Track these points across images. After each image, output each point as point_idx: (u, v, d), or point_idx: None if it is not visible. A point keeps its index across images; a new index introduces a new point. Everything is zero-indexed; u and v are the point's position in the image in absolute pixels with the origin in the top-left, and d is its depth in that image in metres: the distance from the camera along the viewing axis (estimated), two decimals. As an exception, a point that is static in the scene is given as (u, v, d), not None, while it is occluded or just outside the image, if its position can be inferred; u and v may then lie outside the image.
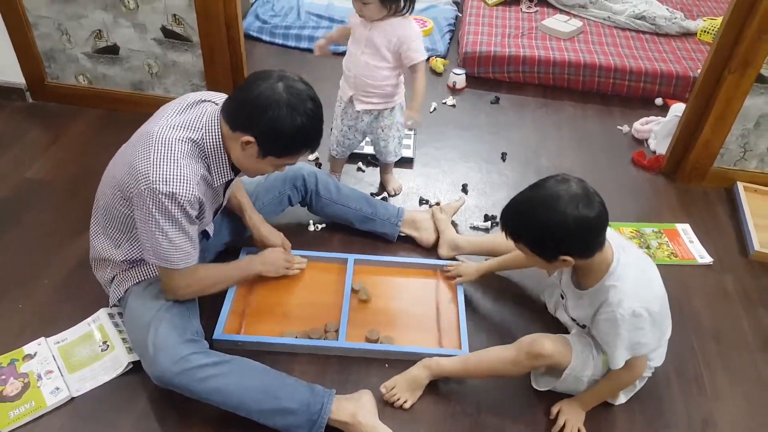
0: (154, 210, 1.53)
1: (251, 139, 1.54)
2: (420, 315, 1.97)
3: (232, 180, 1.73)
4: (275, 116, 1.50)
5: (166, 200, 1.51)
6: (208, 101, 1.67)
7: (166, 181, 1.51)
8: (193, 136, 1.58)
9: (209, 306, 1.87)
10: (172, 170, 1.52)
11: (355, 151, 2.49)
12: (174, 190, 1.52)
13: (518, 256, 1.72)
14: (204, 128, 1.60)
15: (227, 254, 2.07)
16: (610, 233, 1.62)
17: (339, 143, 2.37)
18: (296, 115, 1.51)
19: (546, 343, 1.61)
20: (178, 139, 1.57)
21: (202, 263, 1.76)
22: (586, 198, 1.44)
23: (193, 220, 1.61)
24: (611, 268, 1.56)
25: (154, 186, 1.51)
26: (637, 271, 1.58)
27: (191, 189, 1.55)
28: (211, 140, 1.60)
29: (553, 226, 1.45)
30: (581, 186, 1.47)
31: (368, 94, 2.20)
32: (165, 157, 1.53)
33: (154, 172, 1.51)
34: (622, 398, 1.74)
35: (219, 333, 1.82)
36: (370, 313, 1.96)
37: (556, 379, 1.68)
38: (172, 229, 1.56)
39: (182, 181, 1.53)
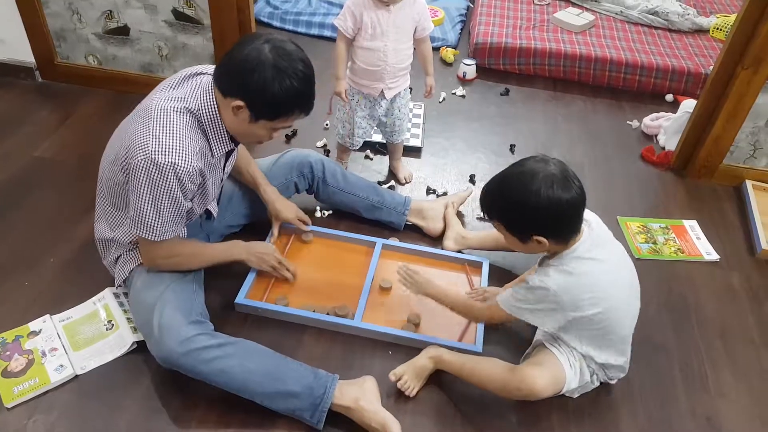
0: (147, 181, 1.51)
1: (241, 103, 1.52)
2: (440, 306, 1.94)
3: (232, 150, 1.72)
4: (262, 78, 1.48)
5: (166, 171, 1.50)
6: (203, 73, 1.66)
7: (166, 152, 1.50)
8: (190, 107, 1.57)
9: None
10: (171, 141, 1.51)
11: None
12: (174, 161, 1.50)
13: (499, 236, 1.67)
14: (199, 98, 1.58)
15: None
16: (601, 230, 1.59)
17: (356, 134, 2.32)
18: (284, 76, 1.49)
19: (538, 383, 1.56)
20: (175, 110, 1.56)
21: (187, 239, 1.75)
22: (563, 179, 1.44)
23: (188, 194, 1.60)
24: (558, 255, 1.54)
25: (154, 156, 1.49)
26: (579, 266, 1.52)
27: (191, 160, 1.54)
28: (207, 110, 1.58)
29: (524, 203, 1.45)
30: (560, 167, 1.47)
31: (397, 78, 2.20)
32: (164, 129, 1.52)
33: (154, 144, 1.50)
34: (575, 393, 1.70)
35: (241, 297, 1.85)
36: (392, 298, 1.96)
37: None
38: (163, 201, 1.54)
39: (182, 151, 1.52)
